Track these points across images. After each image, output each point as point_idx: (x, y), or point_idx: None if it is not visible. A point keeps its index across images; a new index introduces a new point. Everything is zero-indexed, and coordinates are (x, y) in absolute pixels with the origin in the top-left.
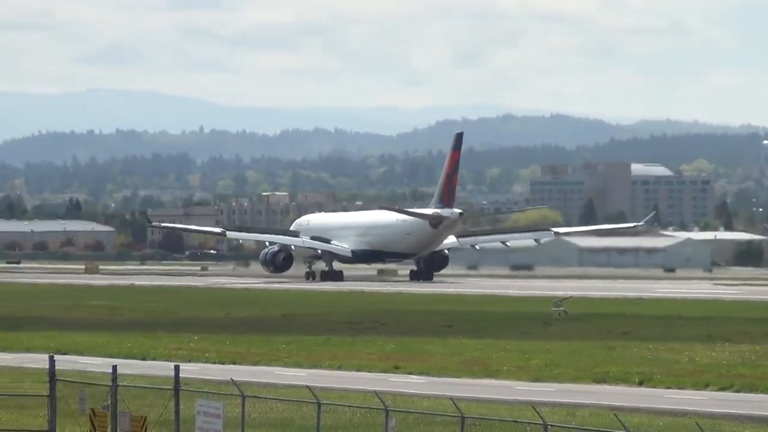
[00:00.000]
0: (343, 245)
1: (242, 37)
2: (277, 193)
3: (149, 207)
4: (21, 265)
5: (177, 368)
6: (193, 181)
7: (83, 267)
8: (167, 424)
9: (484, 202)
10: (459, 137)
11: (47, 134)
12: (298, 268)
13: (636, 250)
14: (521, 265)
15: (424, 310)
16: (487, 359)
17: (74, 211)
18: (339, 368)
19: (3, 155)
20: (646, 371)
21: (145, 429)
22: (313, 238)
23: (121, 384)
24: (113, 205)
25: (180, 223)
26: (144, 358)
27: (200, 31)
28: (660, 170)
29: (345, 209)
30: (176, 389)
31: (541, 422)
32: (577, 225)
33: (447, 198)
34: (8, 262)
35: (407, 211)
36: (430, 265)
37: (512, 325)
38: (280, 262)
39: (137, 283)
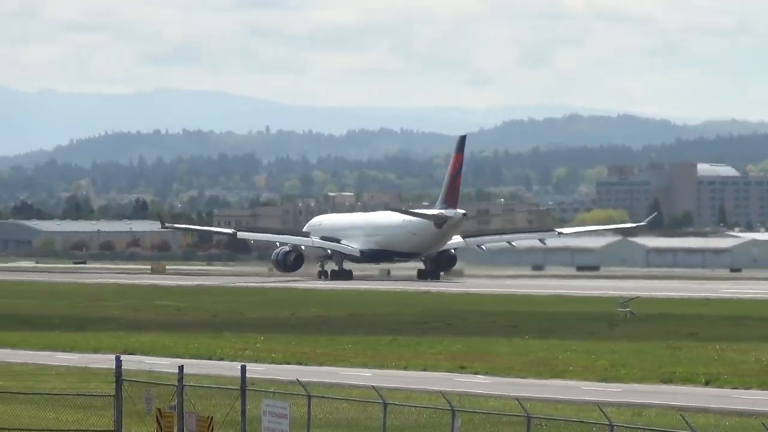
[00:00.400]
0: (352, 245)
1: (309, 37)
2: (343, 193)
3: (215, 207)
4: (87, 266)
5: (243, 368)
6: (260, 181)
7: (149, 267)
8: (233, 424)
9: (550, 203)
10: (462, 140)
11: (114, 134)
12: (310, 268)
13: (702, 251)
14: (587, 265)
15: (490, 311)
16: (553, 359)
17: (141, 211)
18: (405, 368)
19: (70, 155)
20: (713, 371)
21: (212, 429)
22: (323, 238)
23: (187, 384)
24: (179, 205)
25: (246, 223)
26: (210, 358)
27: (267, 31)
28: (726, 170)
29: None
30: (242, 389)
31: (608, 422)
32: (645, 226)
33: (451, 199)
34: (75, 263)
35: (413, 212)
36: (437, 264)
37: (578, 326)
38: (291, 262)
39: (204, 283)
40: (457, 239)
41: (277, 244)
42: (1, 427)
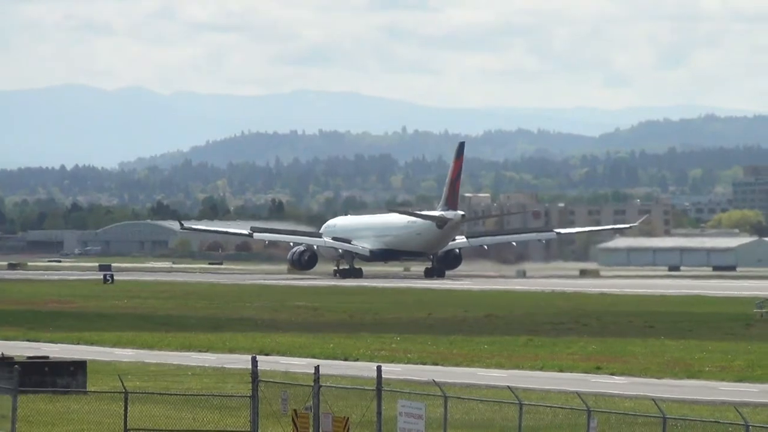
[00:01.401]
0: (363, 245)
1: (445, 38)
2: (479, 194)
3: (351, 208)
4: (223, 266)
5: (379, 369)
6: (396, 182)
7: (286, 268)
8: (369, 424)
9: (686, 204)
10: (461, 146)
11: (250, 135)
12: (326, 267)
13: None
14: (724, 266)
15: (626, 311)
16: (689, 360)
17: (277, 211)
18: (540, 369)
19: (206, 156)
20: None
21: (347, 430)
22: (335, 239)
23: (323, 384)
24: (316, 206)
25: None
26: (346, 359)
27: (403, 32)
28: None
29: (548, 211)
30: (378, 390)
31: (743, 423)
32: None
33: (451, 201)
34: (210, 263)
35: (416, 214)
36: (443, 263)
37: (714, 326)
38: (305, 261)
39: (340, 283)
40: (461, 239)
41: (291, 244)
42: (138, 427)
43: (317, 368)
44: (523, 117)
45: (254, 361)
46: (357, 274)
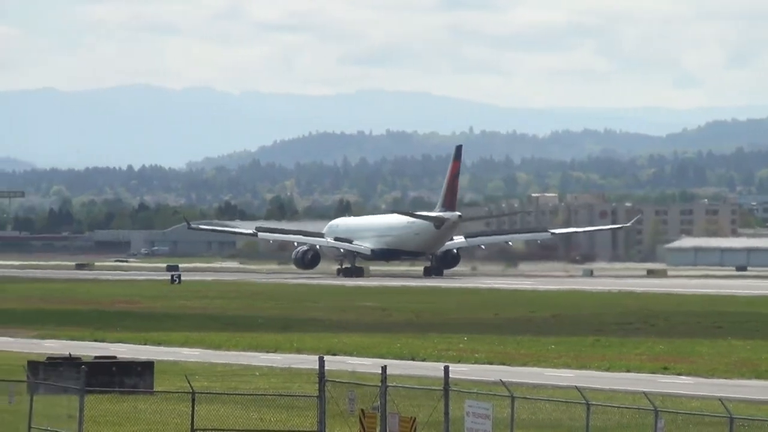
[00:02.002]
0: (365, 245)
1: (513, 38)
2: (546, 194)
3: (419, 208)
4: (292, 267)
5: (446, 369)
6: (463, 182)
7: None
8: (436, 424)
9: (753, 203)
10: (458, 149)
11: (318, 135)
12: (329, 266)
13: None
14: None
15: (694, 311)
16: (756, 360)
17: (344, 212)
18: (607, 369)
19: (274, 156)
20: None
21: (414, 429)
22: (336, 239)
23: (390, 384)
24: (383, 206)
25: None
26: (413, 359)
27: (471, 32)
28: None
29: (614, 210)
30: (445, 390)
31: None
32: None
33: (449, 202)
34: (279, 264)
35: (415, 214)
36: (442, 262)
37: None
38: (308, 260)
39: (408, 283)
40: (459, 239)
41: (295, 244)
42: (205, 427)
43: (384, 368)
44: (590, 117)
45: (321, 361)
46: (359, 273)
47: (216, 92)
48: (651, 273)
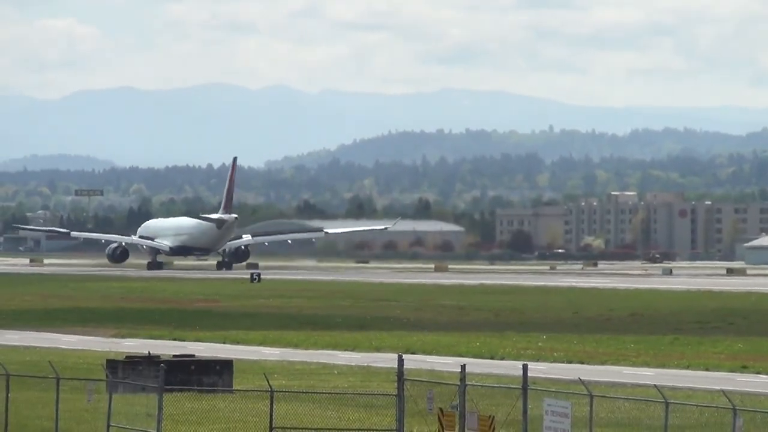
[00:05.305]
0: (164, 243)
1: (592, 37)
2: (625, 192)
3: (498, 207)
4: (369, 265)
5: (525, 367)
6: (542, 180)
7: (432, 266)
8: (515, 423)
9: None
10: (234, 160)
11: (397, 134)
12: (140, 261)
13: None
14: None
15: None
16: None
17: (423, 210)
18: (686, 368)
19: (353, 155)
20: None
21: (493, 428)
22: (142, 237)
23: (469, 383)
24: (462, 205)
25: (528, 223)
26: (492, 358)
27: (550, 30)
28: None
29: (694, 209)
30: (524, 388)
31: None
32: None
33: (228, 206)
34: (357, 262)
35: (201, 217)
36: (234, 257)
37: None
38: (117, 255)
39: (486, 282)
40: (247, 237)
41: (103, 241)
42: (284, 425)
43: (463, 367)
44: (669, 116)
45: (400, 360)
46: (158, 266)
47: (294, 91)
48: (730, 272)
